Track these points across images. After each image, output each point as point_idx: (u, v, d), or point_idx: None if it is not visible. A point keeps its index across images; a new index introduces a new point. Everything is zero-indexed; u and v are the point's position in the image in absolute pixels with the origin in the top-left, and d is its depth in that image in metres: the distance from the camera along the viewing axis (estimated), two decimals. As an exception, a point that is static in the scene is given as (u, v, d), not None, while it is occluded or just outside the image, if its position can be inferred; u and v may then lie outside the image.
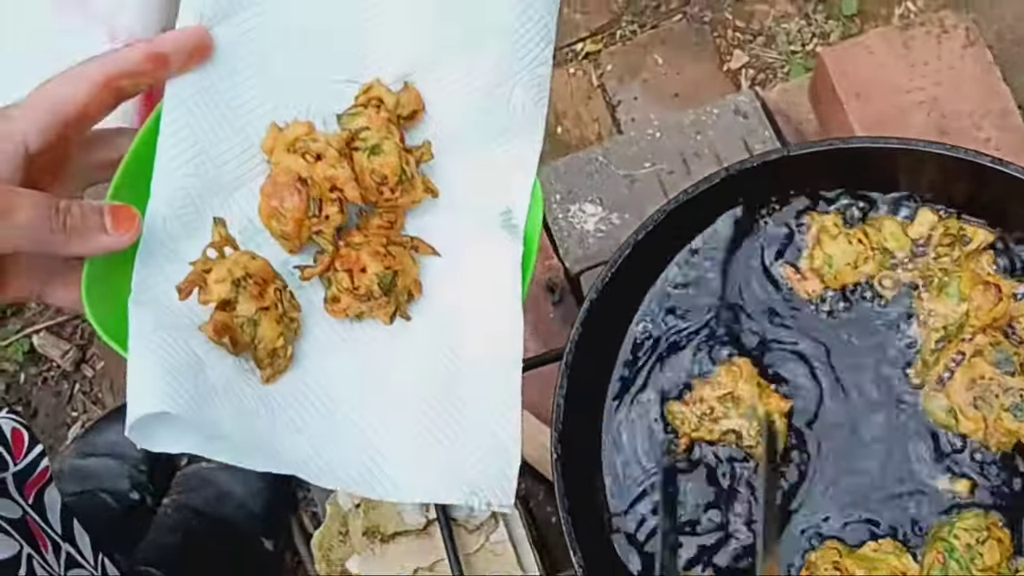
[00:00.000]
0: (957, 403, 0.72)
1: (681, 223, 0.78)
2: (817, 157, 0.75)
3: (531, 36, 0.66)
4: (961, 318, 0.73)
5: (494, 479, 0.62)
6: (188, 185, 0.62)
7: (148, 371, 0.56)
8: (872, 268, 0.76)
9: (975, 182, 0.75)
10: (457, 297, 0.66)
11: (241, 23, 0.63)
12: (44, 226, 0.54)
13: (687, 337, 0.78)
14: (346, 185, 0.63)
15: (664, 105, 1.30)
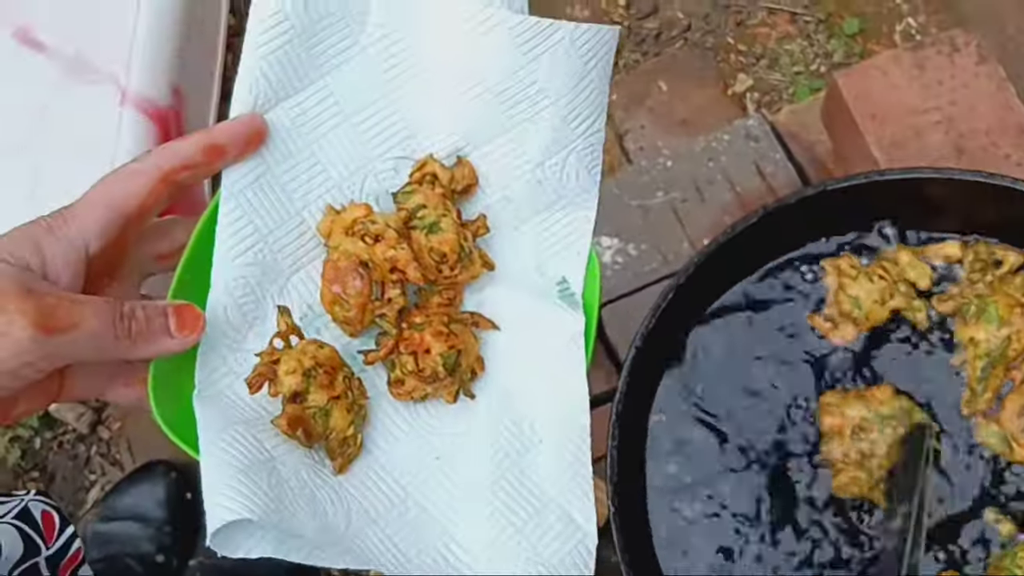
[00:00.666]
0: (1010, 431, 0.72)
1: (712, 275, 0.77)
2: (855, 191, 0.75)
3: (585, 105, 0.66)
4: (1003, 343, 0.72)
5: (571, 561, 0.61)
6: (248, 274, 0.61)
7: (223, 474, 0.54)
8: (901, 302, 0.76)
9: (1005, 204, 0.75)
10: (520, 372, 0.66)
11: (294, 106, 0.62)
12: (109, 335, 0.53)
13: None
14: (408, 266, 0.62)
15: (672, 132, 1.30)
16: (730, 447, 0.76)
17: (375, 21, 0.63)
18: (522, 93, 0.65)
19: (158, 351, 0.56)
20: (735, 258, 0.78)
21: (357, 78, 0.63)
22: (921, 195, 0.75)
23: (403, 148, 0.65)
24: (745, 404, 0.77)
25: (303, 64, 0.62)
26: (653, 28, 1.33)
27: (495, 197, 0.67)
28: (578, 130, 0.67)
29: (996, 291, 0.74)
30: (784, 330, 0.78)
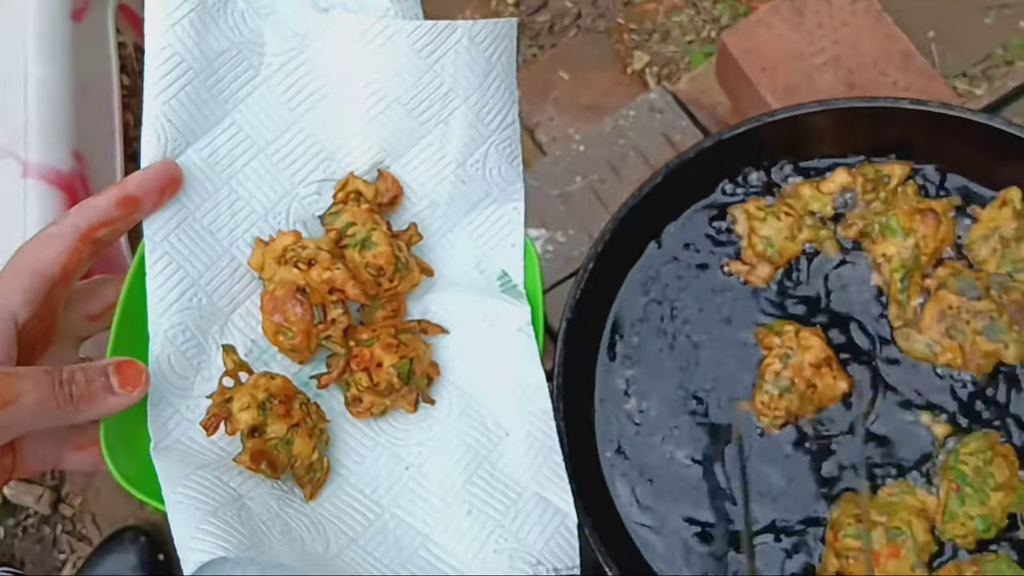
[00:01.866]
0: (932, 336, 0.74)
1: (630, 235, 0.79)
2: (748, 135, 0.77)
3: (496, 99, 0.67)
4: (913, 251, 0.75)
5: (555, 544, 0.62)
6: (185, 319, 0.61)
7: (190, 518, 0.54)
8: (810, 234, 0.78)
9: (884, 124, 0.77)
10: (476, 369, 0.66)
11: (205, 147, 0.62)
12: (51, 403, 0.52)
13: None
14: (346, 285, 0.62)
15: (580, 118, 1.33)
16: (670, 407, 0.77)
17: (272, 50, 0.64)
18: (431, 97, 0.65)
19: (104, 411, 0.55)
20: (648, 218, 0.80)
21: (264, 109, 0.64)
22: (809, 130, 0.78)
23: (323, 170, 0.65)
24: (680, 361, 0.78)
25: (207, 103, 0.62)
26: (545, 21, 1.36)
27: (423, 204, 0.67)
28: (492, 124, 0.68)
29: (893, 205, 0.76)
30: (706, 280, 0.80)
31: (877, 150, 0.80)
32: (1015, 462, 0.71)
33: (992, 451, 0.70)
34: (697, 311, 0.79)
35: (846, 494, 0.72)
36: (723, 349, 0.78)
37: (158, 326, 0.60)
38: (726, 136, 0.78)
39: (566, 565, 0.62)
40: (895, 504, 0.70)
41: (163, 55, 0.60)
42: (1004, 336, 0.72)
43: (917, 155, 0.79)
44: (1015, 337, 0.73)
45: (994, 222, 0.76)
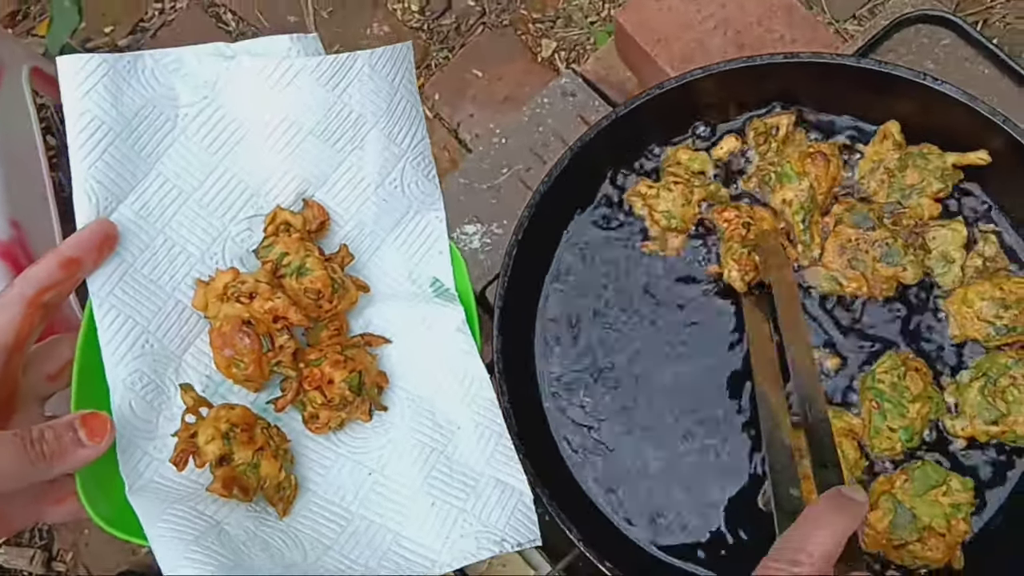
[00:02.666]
0: (836, 269, 0.79)
1: (548, 216, 0.83)
2: (642, 109, 0.82)
3: (404, 119, 0.71)
4: (809, 192, 0.80)
5: (516, 520, 0.66)
6: (141, 366, 0.64)
7: (174, 550, 0.57)
8: (703, 193, 0.83)
9: (766, 79, 0.82)
10: (421, 373, 0.70)
11: (135, 201, 0.65)
12: (24, 463, 0.55)
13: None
14: (288, 311, 0.65)
15: (499, 112, 1.37)
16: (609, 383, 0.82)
17: (185, 102, 0.67)
18: (343, 125, 0.69)
19: (76, 463, 0.58)
20: (558, 205, 0.84)
21: (186, 158, 0.67)
22: (696, 95, 0.83)
23: (251, 207, 0.69)
24: (611, 336, 0.83)
25: (131, 160, 0.65)
26: (451, 23, 1.40)
27: (350, 226, 0.71)
28: (404, 143, 0.72)
29: (784, 153, 0.81)
30: (619, 263, 0.84)
31: (765, 103, 0.85)
32: (927, 373, 0.76)
33: (905, 366, 0.75)
34: (616, 291, 0.84)
35: (780, 428, 0.78)
36: (649, 321, 0.82)
37: (116, 376, 0.63)
38: (621, 113, 0.82)
39: (528, 539, 0.66)
40: (824, 429, 0.76)
41: (83, 121, 0.63)
42: (901, 260, 0.78)
43: (801, 103, 0.84)
44: (911, 259, 0.78)
45: (879, 155, 0.81)
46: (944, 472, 0.74)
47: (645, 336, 0.82)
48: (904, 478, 0.74)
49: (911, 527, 0.72)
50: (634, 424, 0.80)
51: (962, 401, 0.75)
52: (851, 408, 0.77)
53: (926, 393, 0.75)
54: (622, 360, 0.82)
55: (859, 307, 0.80)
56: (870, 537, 0.73)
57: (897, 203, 0.80)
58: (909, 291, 0.79)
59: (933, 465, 0.74)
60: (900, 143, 0.81)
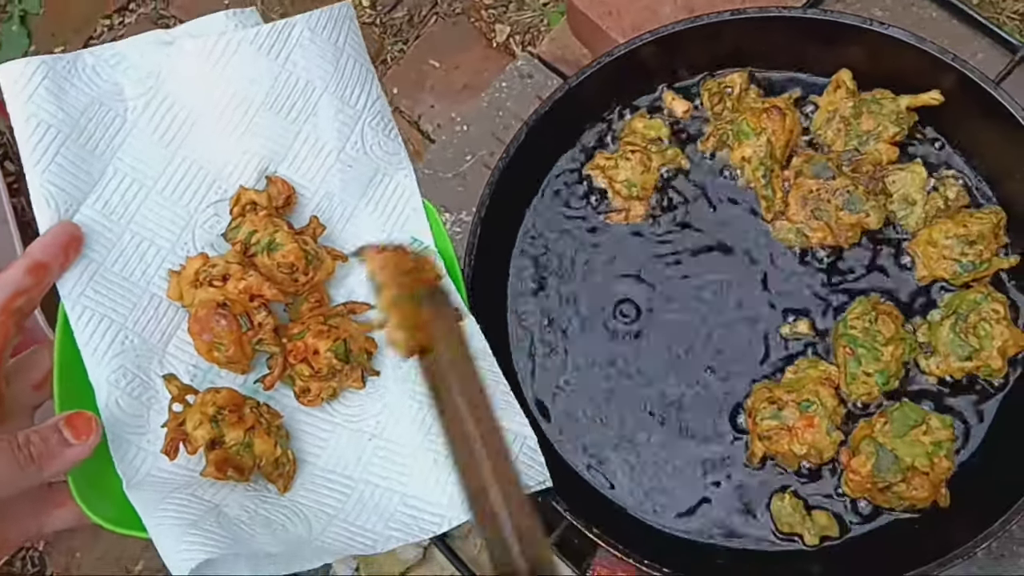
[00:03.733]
0: (800, 221, 0.80)
1: (508, 196, 0.83)
2: (593, 79, 0.82)
3: (354, 80, 0.70)
4: (767, 148, 0.80)
5: (521, 464, 0.65)
6: (123, 363, 0.63)
7: (173, 535, 0.57)
8: (660, 159, 0.83)
9: (713, 40, 0.83)
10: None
11: (96, 200, 0.64)
12: (13, 467, 0.55)
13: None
14: (262, 288, 0.65)
15: (459, 100, 1.36)
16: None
17: (132, 95, 0.66)
18: (292, 94, 0.68)
19: (66, 464, 0.58)
20: (519, 181, 0.84)
21: (141, 151, 0.66)
22: (647, 61, 0.83)
23: (214, 192, 0.68)
24: (584, 308, 0.83)
25: (85, 160, 0.64)
26: (404, 15, 1.39)
27: (318, 197, 0.70)
28: (359, 104, 0.70)
29: (740, 111, 0.82)
30: (585, 236, 0.84)
31: (716, 64, 0.85)
32: (898, 316, 0.77)
33: (875, 311, 0.76)
34: (584, 264, 0.84)
35: (756, 384, 0.78)
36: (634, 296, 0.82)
37: (98, 375, 0.63)
38: (573, 84, 0.82)
39: (536, 480, 0.65)
40: (801, 379, 0.76)
41: (30, 126, 0.62)
42: (863, 206, 0.78)
43: (752, 60, 0.84)
44: (873, 204, 0.78)
45: (833, 105, 0.81)
46: (923, 411, 0.74)
47: (617, 308, 0.82)
48: (883, 421, 0.74)
49: (894, 468, 0.72)
50: (614, 392, 0.80)
51: (935, 340, 0.76)
52: (819, 358, 0.78)
53: (898, 335, 0.75)
54: (595, 334, 0.82)
55: (826, 257, 0.80)
56: (854, 482, 0.73)
57: (855, 150, 0.80)
58: (874, 237, 0.80)
59: (911, 405, 0.75)
60: (853, 91, 0.81)
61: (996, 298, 0.75)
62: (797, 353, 0.78)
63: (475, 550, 0.88)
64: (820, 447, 0.73)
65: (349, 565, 0.89)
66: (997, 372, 0.75)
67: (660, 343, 0.80)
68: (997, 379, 0.75)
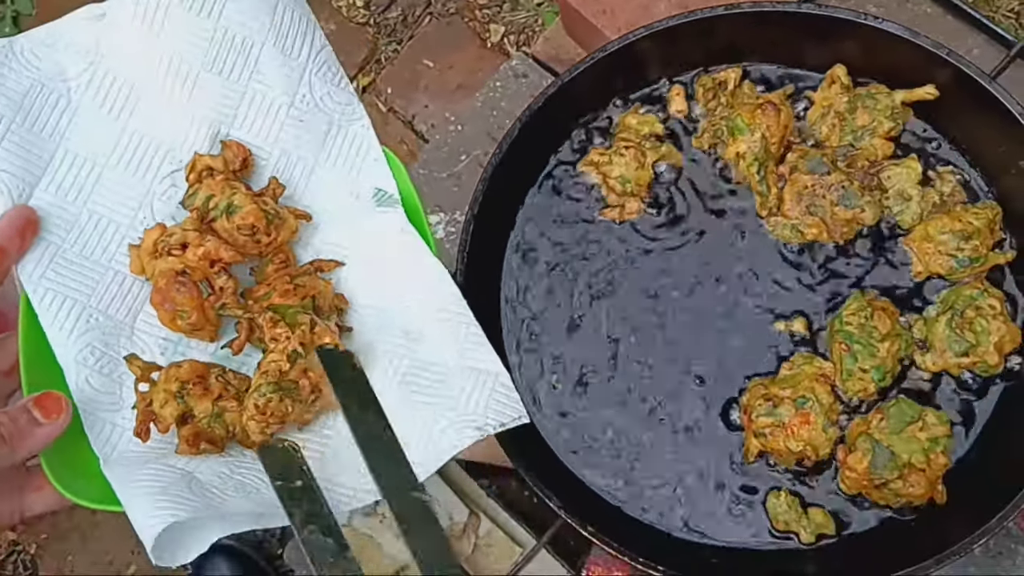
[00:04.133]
0: (795, 217, 0.79)
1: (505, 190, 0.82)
2: (586, 74, 0.81)
3: (294, 30, 0.69)
4: (761, 144, 0.79)
5: (495, 403, 0.64)
6: (90, 340, 0.63)
7: (144, 501, 0.56)
8: (655, 154, 0.82)
9: (708, 35, 0.82)
10: (379, 285, 0.68)
11: (49, 183, 0.64)
12: None
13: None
14: (220, 251, 0.64)
15: (453, 100, 1.36)
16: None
17: (72, 73, 0.66)
18: (230, 52, 0.68)
19: (37, 443, 0.58)
20: (513, 178, 0.83)
21: (90, 129, 0.66)
22: (640, 57, 0.82)
23: (169, 163, 0.68)
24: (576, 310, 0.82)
25: (33, 143, 0.64)
26: (398, 15, 1.39)
27: (275, 156, 0.69)
28: (302, 55, 0.69)
29: (734, 106, 0.81)
30: (578, 233, 0.83)
31: (710, 60, 0.84)
32: (894, 311, 0.76)
33: (871, 307, 0.75)
34: (578, 261, 0.83)
35: (752, 380, 0.77)
36: (628, 292, 0.82)
37: (66, 355, 0.62)
38: (566, 80, 0.82)
39: (511, 417, 0.64)
40: (796, 376, 0.75)
41: None
42: (859, 201, 0.78)
43: (746, 56, 0.84)
44: (868, 200, 0.78)
45: (827, 100, 0.81)
46: (919, 408, 0.73)
47: (611, 305, 0.81)
48: (880, 417, 0.73)
49: (891, 465, 0.71)
50: (606, 389, 0.79)
51: (931, 336, 0.75)
52: (822, 352, 0.77)
53: (894, 331, 0.75)
54: (588, 330, 0.81)
55: (821, 253, 0.79)
56: (851, 480, 0.73)
57: (850, 145, 0.80)
58: (869, 233, 0.79)
59: (908, 402, 0.74)
60: (848, 86, 0.81)
61: (992, 293, 0.74)
62: (793, 350, 0.77)
63: (469, 550, 0.87)
64: (816, 444, 0.73)
65: (342, 566, 0.88)
66: (993, 368, 0.74)
67: (654, 340, 0.79)
68: (994, 375, 0.75)
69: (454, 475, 0.88)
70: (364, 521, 0.85)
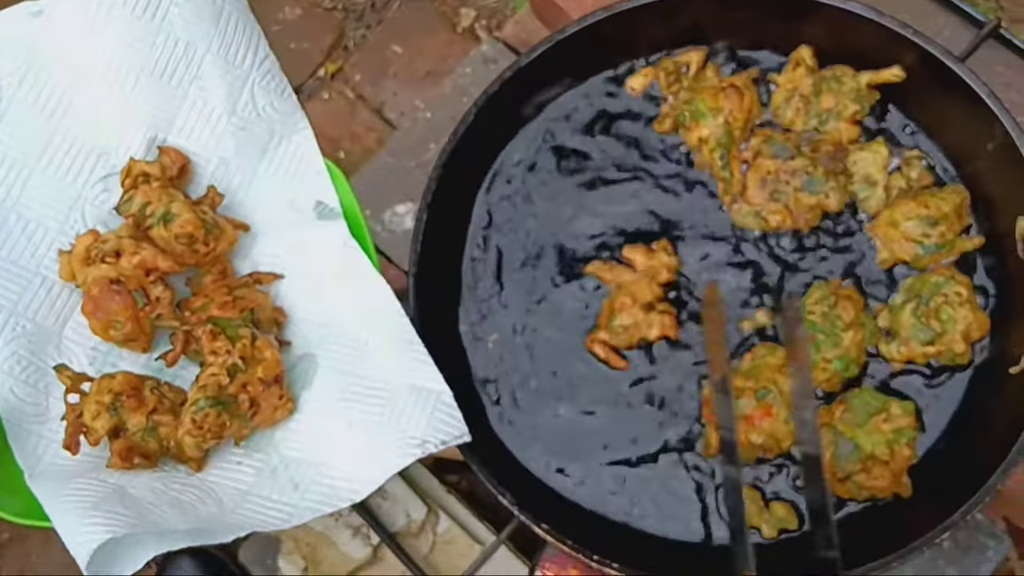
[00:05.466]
0: (758, 203, 0.77)
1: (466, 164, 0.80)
2: (542, 58, 0.79)
3: (238, 38, 0.67)
4: (724, 128, 0.77)
5: (437, 421, 0.63)
6: (16, 349, 0.61)
7: (75, 516, 0.55)
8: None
9: (671, 17, 0.79)
10: (319, 299, 0.67)
11: None
12: None
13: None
14: (156, 260, 0.63)
15: (423, 87, 1.33)
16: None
17: (4, 71, 0.64)
18: (173, 57, 0.66)
19: None
20: (470, 163, 0.81)
21: (20, 129, 0.64)
22: (606, 38, 0.79)
23: (102, 167, 0.66)
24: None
25: None
26: (365, 0, 1.36)
27: (213, 164, 0.68)
28: (246, 64, 0.68)
29: (696, 90, 0.79)
30: (541, 221, 0.81)
31: (673, 43, 0.82)
32: (859, 300, 0.74)
33: (835, 295, 0.73)
34: (537, 246, 0.80)
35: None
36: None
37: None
38: (524, 63, 0.79)
39: (453, 436, 0.63)
40: (758, 367, 0.73)
41: None
42: (823, 187, 0.76)
43: (709, 39, 0.81)
44: (833, 186, 0.76)
45: (792, 83, 0.79)
46: (883, 398, 0.72)
47: (574, 288, 0.79)
48: (843, 408, 0.71)
49: (853, 457, 0.69)
50: (566, 382, 0.77)
51: (896, 324, 0.73)
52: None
53: (858, 320, 0.73)
54: (542, 319, 0.79)
55: (785, 241, 0.77)
56: None
57: (815, 129, 0.78)
58: (834, 219, 0.77)
59: (871, 392, 0.72)
60: (813, 68, 0.78)
61: (959, 280, 0.73)
62: (755, 340, 0.75)
63: (427, 549, 0.85)
64: (778, 436, 0.71)
65: (297, 565, 0.86)
66: (960, 357, 0.72)
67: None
68: (961, 364, 0.73)
69: (412, 472, 0.86)
70: (319, 520, 0.83)
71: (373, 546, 0.85)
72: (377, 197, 1.17)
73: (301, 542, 0.85)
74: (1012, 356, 0.71)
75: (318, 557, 0.85)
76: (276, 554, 0.86)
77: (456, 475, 1.00)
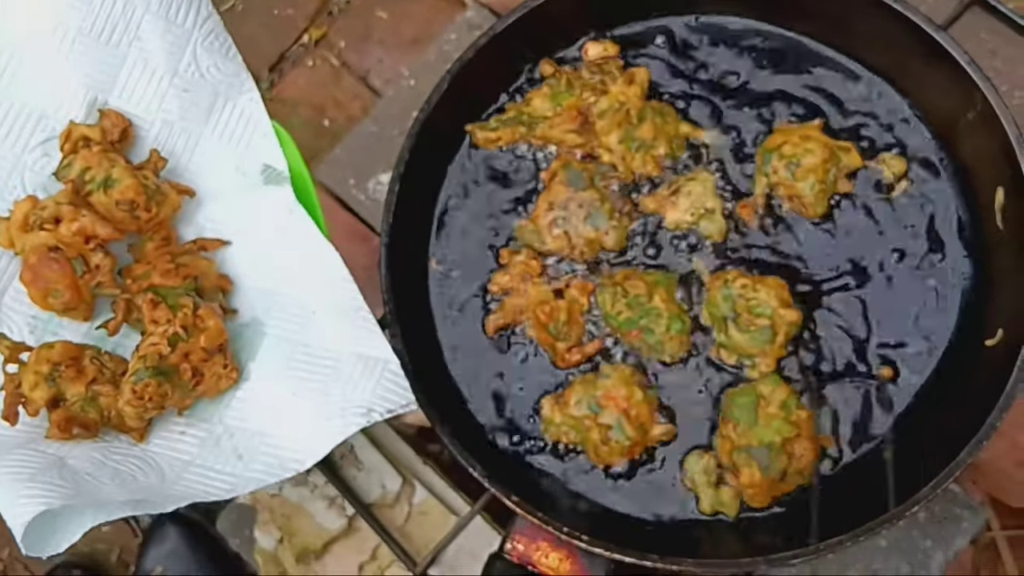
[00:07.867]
0: (541, 227, 0.76)
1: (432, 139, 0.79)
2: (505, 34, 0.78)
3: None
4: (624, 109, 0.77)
5: (383, 389, 0.63)
6: None
7: (11, 488, 0.55)
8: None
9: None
10: (266, 266, 0.67)
11: None
12: None
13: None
14: (96, 227, 0.62)
15: (408, 53, 1.32)
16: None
17: None
18: (112, 17, 0.65)
19: None
20: (444, 131, 0.81)
21: None
22: (555, 15, 0.78)
23: (41, 131, 0.65)
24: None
25: None
26: (349, -34, 1.34)
27: (156, 127, 0.67)
28: (187, 23, 0.66)
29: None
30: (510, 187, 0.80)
31: (632, 13, 0.80)
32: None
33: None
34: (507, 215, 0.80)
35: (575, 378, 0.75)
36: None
37: None
38: (499, 28, 0.78)
39: (399, 404, 0.63)
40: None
41: None
42: (605, 223, 0.75)
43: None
44: (615, 224, 0.75)
45: (623, 96, 0.77)
46: (748, 389, 0.71)
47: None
48: (731, 425, 0.71)
49: (773, 455, 0.69)
50: (536, 352, 0.76)
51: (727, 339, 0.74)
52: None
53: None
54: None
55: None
56: (759, 494, 0.70)
57: (626, 148, 0.76)
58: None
59: (738, 390, 0.72)
60: (641, 95, 0.77)
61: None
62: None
63: (402, 519, 0.85)
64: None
65: (272, 536, 0.86)
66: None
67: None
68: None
69: (388, 441, 0.86)
70: (294, 491, 0.83)
71: (348, 517, 0.85)
72: (361, 166, 1.17)
73: (276, 513, 0.85)
74: (989, 329, 0.70)
75: (293, 528, 0.85)
76: (253, 523, 0.86)
77: (438, 445, 1.00)
